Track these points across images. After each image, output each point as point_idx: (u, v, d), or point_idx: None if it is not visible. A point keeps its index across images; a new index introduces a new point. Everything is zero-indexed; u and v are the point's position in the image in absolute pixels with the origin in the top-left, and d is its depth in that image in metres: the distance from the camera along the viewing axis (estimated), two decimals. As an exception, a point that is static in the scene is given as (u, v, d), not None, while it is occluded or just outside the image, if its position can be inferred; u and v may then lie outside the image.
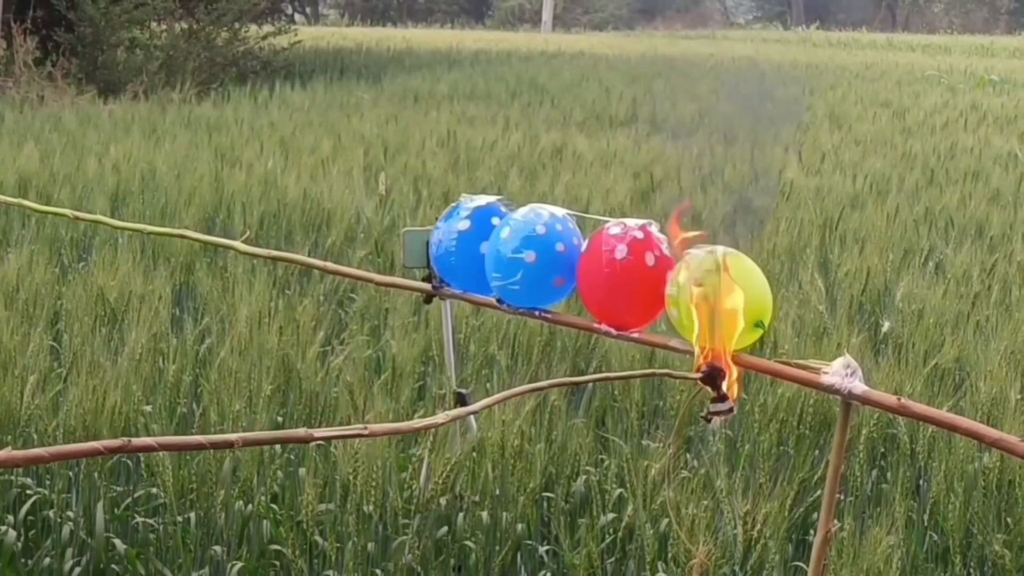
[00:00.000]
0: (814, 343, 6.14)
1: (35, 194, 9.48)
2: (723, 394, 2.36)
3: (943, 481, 4.89)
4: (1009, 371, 5.44)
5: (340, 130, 14.46)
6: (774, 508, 4.43)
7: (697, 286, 2.36)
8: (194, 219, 8.94)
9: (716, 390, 2.36)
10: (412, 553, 4.86)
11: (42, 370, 5.38)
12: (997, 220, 10.02)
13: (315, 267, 3.44)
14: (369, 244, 8.60)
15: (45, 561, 4.98)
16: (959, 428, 2.28)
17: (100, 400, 5.01)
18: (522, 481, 4.92)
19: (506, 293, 2.86)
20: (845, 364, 2.31)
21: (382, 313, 7.06)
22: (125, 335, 5.94)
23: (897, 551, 4.32)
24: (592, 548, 4.57)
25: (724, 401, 2.36)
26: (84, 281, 6.58)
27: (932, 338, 6.38)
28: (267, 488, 5.20)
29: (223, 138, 13.40)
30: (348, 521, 4.73)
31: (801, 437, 5.35)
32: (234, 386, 5.13)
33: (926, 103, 21.10)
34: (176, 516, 4.95)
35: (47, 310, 6.44)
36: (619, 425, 5.67)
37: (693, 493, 4.51)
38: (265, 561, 5.09)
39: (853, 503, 5.19)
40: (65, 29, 21.07)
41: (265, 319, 5.81)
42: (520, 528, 5.05)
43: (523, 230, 2.79)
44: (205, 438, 1.98)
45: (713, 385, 2.36)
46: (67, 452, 1.87)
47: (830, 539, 2.39)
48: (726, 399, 2.36)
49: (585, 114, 18.11)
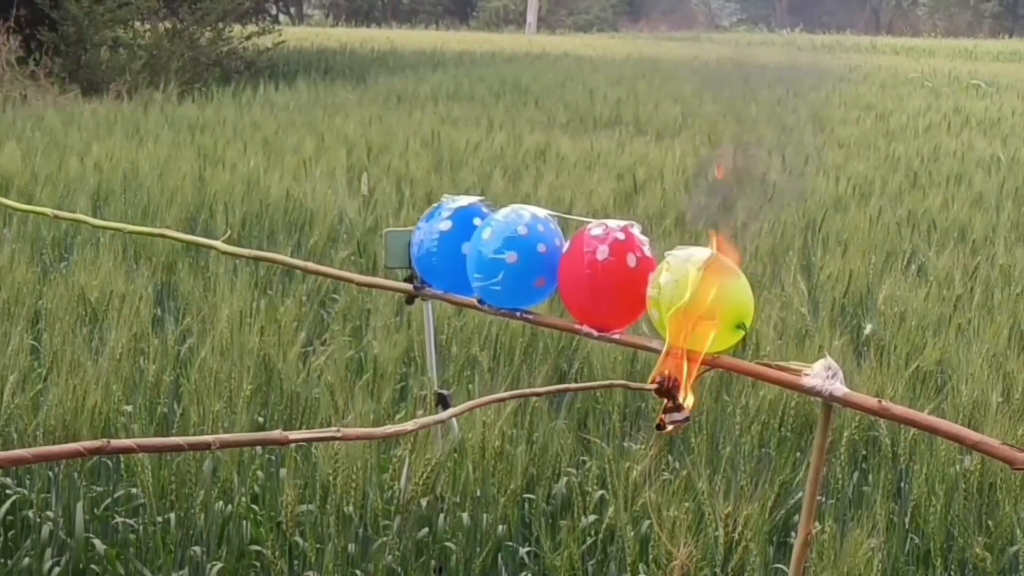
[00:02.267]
0: (796, 345, 6.14)
1: (16, 193, 9.45)
2: (678, 404, 2.36)
3: (924, 484, 4.88)
4: (991, 374, 5.45)
5: (323, 130, 14.44)
6: (755, 510, 4.42)
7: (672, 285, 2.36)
8: (176, 219, 8.92)
9: (671, 400, 2.36)
10: (392, 554, 4.85)
11: (22, 369, 5.35)
12: (980, 223, 10.04)
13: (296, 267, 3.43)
14: (351, 245, 8.59)
15: (24, 561, 4.96)
16: (940, 431, 2.28)
17: (80, 400, 4.99)
18: (503, 482, 4.91)
19: (487, 294, 2.85)
20: (826, 366, 2.31)
21: (364, 314, 7.04)
22: (106, 335, 5.92)
23: (878, 553, 4.32)
24: (573, 550, 4.57)
25: (680, 411, 2.36)
26: (65, 280, 6.56)
27: (914, 341, 6.39)
28: (247, 489, 5.18)
29: (206, 138, 13.38)
30: (328, 522, 4.72)
31: (782, 439, 5.34)
32: (214, 386, 5.11)
33: (909, 106, 21.14)
34: (156, 516, 4.93)
35: (27, 309, 6.42)
36: (601, 427, 5.67)
37: (675, 495, 4.50)
38: (245, 562, 5.07)
39: (834, 505, 5.19)
40: (48, 28, 21.01)
41: (247, 319, 5.79)
42: (501, 529, 5.04)
43: (505, 231, 2.79)
44: (183, 439, 1.97)
45: (668, 396, 2.36)
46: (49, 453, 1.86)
47: (811, 541, 2.39)
48: (681, 409, 2.36)
49: (569, 115, 18.11)
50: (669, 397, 2.36)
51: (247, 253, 3.34)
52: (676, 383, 2.35)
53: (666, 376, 2.36)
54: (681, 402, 2.35)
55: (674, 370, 2.36)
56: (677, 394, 2.35)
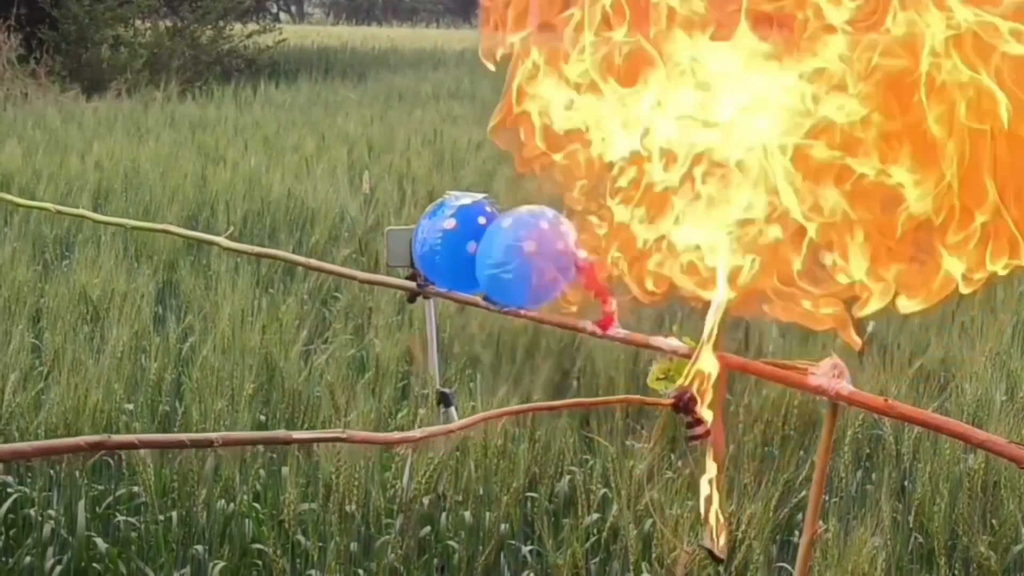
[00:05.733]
0: (799, 343, 6.12)
1: (18, 191, 9.44)
2: (698, 418, 2.35)
3: (928, 482, 4.87)
4: (994, 372, 5.44)
5: (324, 129, 14.42)
6: (758, 509, 4.41)
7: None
8: (178, 217, 8.90)
9: (691, 414, 2.35)
10: (395, 553, 4.83)
11: (23, 368, 5.35)
12: (982, 221, 10.01)
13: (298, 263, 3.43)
14: (353, 243, 8.58)
15: (26, 560, 4.94)
16: (946, 429, 2.27)
17: (82, 398, 4.98)
18: (505, 481, 4.90)
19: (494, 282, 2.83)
20: (833, 365, 2.30)
21: (366, 312, 7.03)
22: (107, 333, 5.91)
23: (882, 552, 4.31)
24: (576, 548, 4.56)
25: (700, 424, 2.35)
26: (67, 279, 6.55)
27: (917, 339, 6.38)
28: (249, 487, 5.17)
29: (207, 136, 13.36)
30: (330, 520, 4.70)
31: (786, 438, 5.33)
32: (216, 385, 5.11)
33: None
34: (158, 515, 4.91)
35: (29, 307, 6.41)
36: (604, 425, 5.65)
37: (678, 494, 4.49)
38: (247, 560, 5.05)
39: (838, 504, 5.17)
40: (49, 26, 20.98)
41: (248, 317, 5.78)
42: (503, 528, 5.02)
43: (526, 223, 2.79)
44: (186, 436, 1.96)
45: (686, 411, 2.35)
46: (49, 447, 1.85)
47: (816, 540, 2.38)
48: (701, 422, 2.35)
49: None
50: (687, 412, 2.35)
51: (250, 250, 3.33)
52: (692, 398, 2.34)
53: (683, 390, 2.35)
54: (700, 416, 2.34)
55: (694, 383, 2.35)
56: (695, 408, 2.33)
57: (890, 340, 6.52)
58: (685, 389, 2.34)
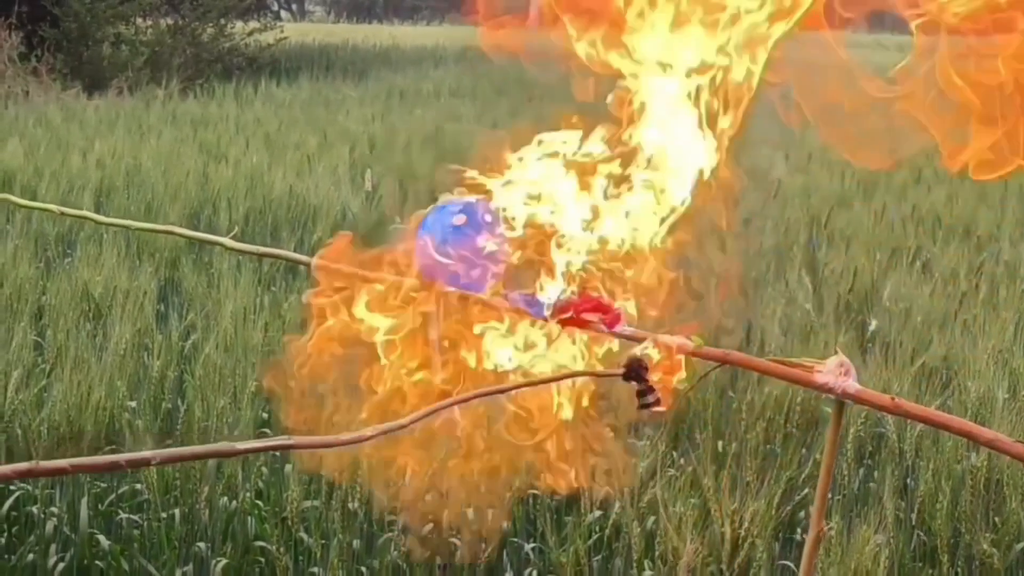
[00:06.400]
0: (801, 342, 6.12)
1: (20, 189, 9.44)
2: (649, 385, 2.33)
3: (931, 480, 4.87)
4: (996, 370, 5.44)
5: (326, 127, 14.41)
6: (761, 507, 4.42)
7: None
8: (180, 215, 8.90)
9: (643, 382, 2.33)
10: (398, 550, 4.83)
11: (26, 365, 5.34)
12: (984, 219, 10.02)
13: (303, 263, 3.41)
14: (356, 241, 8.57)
15: (29, 557, 4.94)
16: (952, 428, 2.26)
17: (84, 395, 4.98)
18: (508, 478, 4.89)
19: None
20: (839, 363, 2.29)
21: (368, 310, 7.01)
22: (109, 330, 5.91)
23: (885, 550, 4.31)
24: (579, 545, 4.55)
25: (651, 392, 2.33)
26: (69, 276, 6.55)
27: (920, 337, 6.38)
28: (252, 484, 5.17)
29: (208, 134, 13.35)
30: (333, 518, 4.71)
31: (788, 436, 5.33)
32: (219, 382, 5.11)
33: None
34: (160, 512, 4.91)
35: (31, 305, 6.41)
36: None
37: (681, 491, 4.49)
38: (249, 558, 5.05)
39: (841, 502, 5.17)
40: (50, 24, 20.98)
41: (251, 315, 5.78)
42: (506, 525, 5.02)
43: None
44: (123, 457, 1.90)
45: (637, 378, 2.33)
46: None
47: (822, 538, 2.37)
48: (653, 390, 2.33)
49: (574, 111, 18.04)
50: (638, 379, 2.33)
51: (254, 250, 3.32)
52: (643, 365, 2.32)
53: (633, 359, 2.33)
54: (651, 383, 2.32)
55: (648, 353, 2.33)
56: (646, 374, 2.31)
57: (892, 337, 6.53)
58: (637, 358, 2.33)
